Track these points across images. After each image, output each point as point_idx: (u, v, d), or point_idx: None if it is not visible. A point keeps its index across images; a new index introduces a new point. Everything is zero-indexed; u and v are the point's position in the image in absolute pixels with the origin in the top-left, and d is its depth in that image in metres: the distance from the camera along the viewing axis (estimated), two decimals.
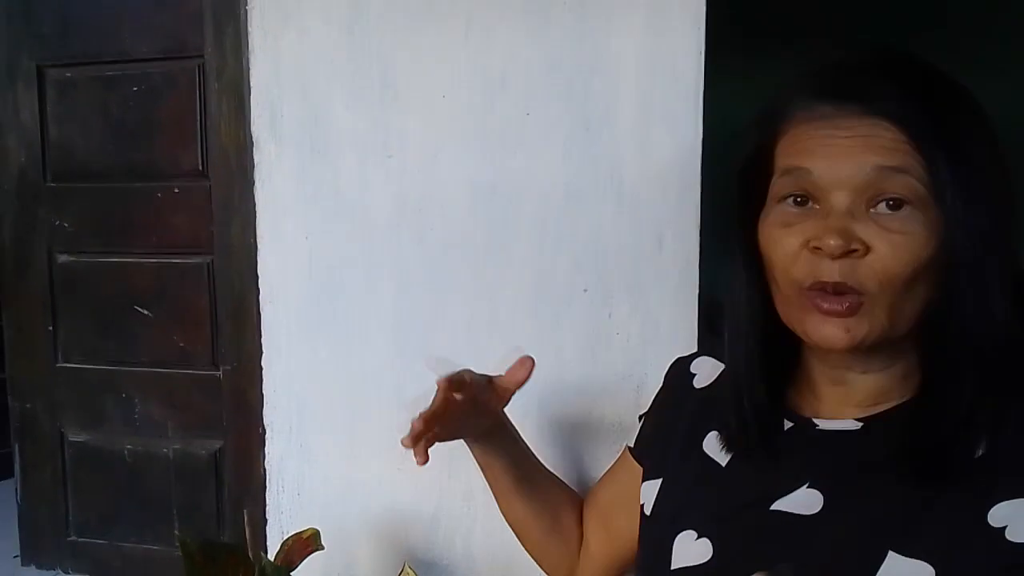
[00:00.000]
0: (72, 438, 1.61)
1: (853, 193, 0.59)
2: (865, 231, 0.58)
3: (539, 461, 1.00)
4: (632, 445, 0.88)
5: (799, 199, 0.62)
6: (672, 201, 1.12)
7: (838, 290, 0.59)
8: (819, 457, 0.66)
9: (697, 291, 1.11)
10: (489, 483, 0.95)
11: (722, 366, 0.78)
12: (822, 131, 0.60)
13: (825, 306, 0.60)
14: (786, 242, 0.62)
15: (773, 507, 0.66)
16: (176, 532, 1.49)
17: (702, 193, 1.12)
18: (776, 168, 0.64)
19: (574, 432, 1.19)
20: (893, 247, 0.58)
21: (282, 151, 1.35)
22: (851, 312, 0.59)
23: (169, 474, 1.53)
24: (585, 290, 1.17)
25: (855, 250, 0.58)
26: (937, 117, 0.58)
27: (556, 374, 1.19)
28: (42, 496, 1.64)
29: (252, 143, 1.38)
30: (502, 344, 1.22)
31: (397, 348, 1.28)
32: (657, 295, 1.14)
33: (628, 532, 0.83)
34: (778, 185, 0.64)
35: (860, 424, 0.66)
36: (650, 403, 0.90)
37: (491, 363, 1.24)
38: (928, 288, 0.60)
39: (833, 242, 0.58)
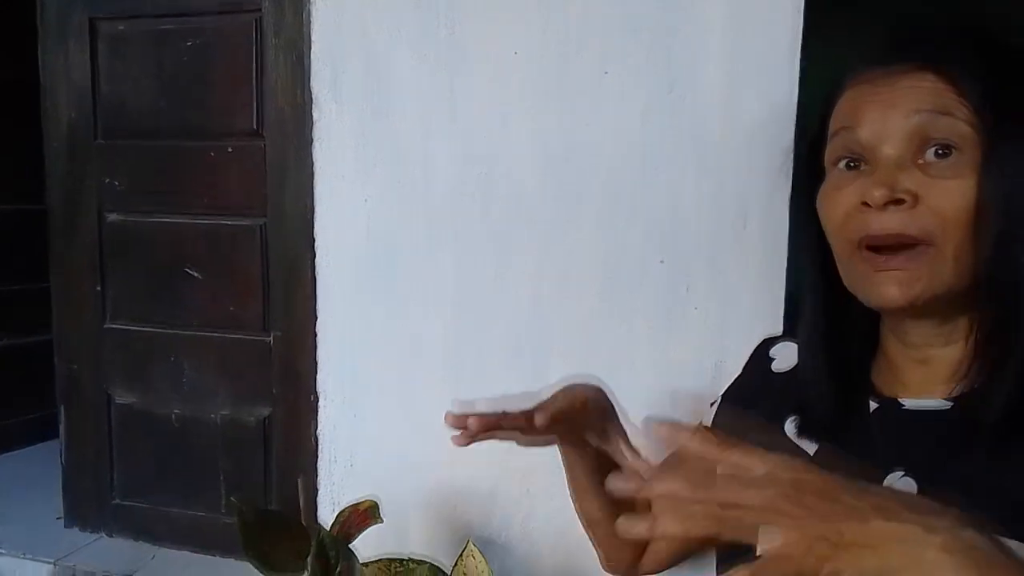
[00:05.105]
0: (119, 400, 1.59)
1: (898, 145, 0.59)
2: (913, 181, 0.57)
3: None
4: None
5: (851, 163, 0.62)
6: (760, 172, 1.05)
7: (889, 243, 0.58)
8: (908, 440, 0.63)
9: (785, 269, 1.04)
10: (568, 479, 0.87)
11: None
12: (867, 92, 0.61)
13: (880, 261, 0.60)
14: (838, 203, 0.62)
15: None
16: (223, 499, 1.47)
17: (795, 164, 1.05)
18: (828, 135, 0.65)
19: (644, 413, 1.13)
20: (943, 193, 0.57)
21: (342, 110, 1.30)
22: (907, 265, 0.58)
23: (216, 440, 1.50)
24: (662, 261, 1.11)
25: (903, 200, 0.57)
26: (985, 61, 0.58)
27: (626, 349, 1.14)
28: (87, 458, 1.63)
29: (310, 102, 1.33)
30: (569, 318, 1.17)
31: (457, 320, 1.24)
32: (739, 272, 1.08)
33: None
34: (830, 151, 0.64)
35: (950, 403, 0.62)
36: (726, 388, 0.84)
37: (556, 338, 1.19)
38: (987, 239, 0.57)
39: (878, 193, 0.58)
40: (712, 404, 0.85)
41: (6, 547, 1.61)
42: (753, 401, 0.79)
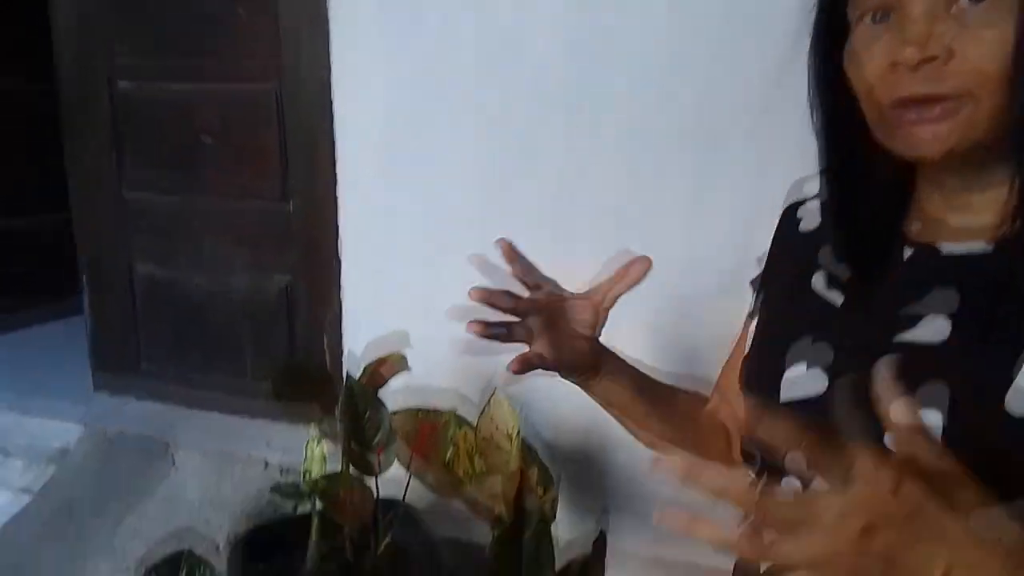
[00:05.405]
0: (140, 271, 1.60)
1: None
2: (946, 33, 0.55)
3: (652, 378, 0.94)
4: (751, 312, 0.82)
5: (876, 15, 0.59)
6: (796, 33, 1.02)
7: (924, 101, 0.56)
8: (945, 283, 0.62)
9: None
10: (621, 420, 0.82)
11: None
12: None
13: (912, 117, 0.57)
14: (866, 65, 0.59)
15: (897, 339, 0.62)
16: (248, 364, 1.52)
17: (816, 19, 1.02)
18: None
19: (674, 283, 1.14)
20: (979, 45, 0.54)
21: None
22: (942, 118, 0.56)
23: (239, 308, 1.52)
24: (690, 135, 1.10)
25: (935, 57, 0.55)
26: None
27: (655, 225, 1.14)
28: (112, 328, 1.66)
29: None
30: (595, 196, 1.16)
31: (482, 186, 1.23)
32: (773, 139, 1.06)
33: None
34: (854, 3, 0.61)
35: (991, 246, 0.61)
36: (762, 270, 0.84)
37: (584, 209, 1.18)
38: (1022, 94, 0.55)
39: (908, 52, 0.55)
40: (751, 282, 0.84)
41: (36, 411, 1.67)
42: (781, 262, 0.79)
